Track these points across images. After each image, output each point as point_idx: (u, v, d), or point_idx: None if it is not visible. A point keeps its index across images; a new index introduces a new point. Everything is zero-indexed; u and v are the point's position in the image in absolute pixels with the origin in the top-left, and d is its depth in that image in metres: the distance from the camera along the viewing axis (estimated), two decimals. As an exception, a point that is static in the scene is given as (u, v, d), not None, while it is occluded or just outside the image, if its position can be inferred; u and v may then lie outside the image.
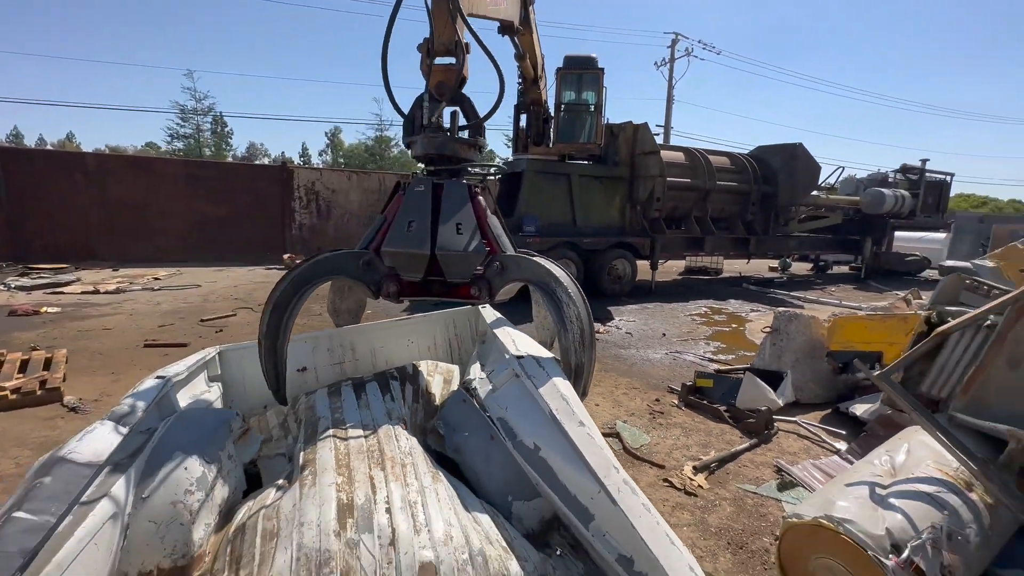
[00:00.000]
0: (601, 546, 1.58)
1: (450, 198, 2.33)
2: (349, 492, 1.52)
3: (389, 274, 2.34)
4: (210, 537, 1.50)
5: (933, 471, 2.05)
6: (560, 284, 2.22)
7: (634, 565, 1.49)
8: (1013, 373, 2.24)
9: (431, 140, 2.42)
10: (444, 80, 2.47)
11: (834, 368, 4.25)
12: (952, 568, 1.73)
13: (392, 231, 2.31)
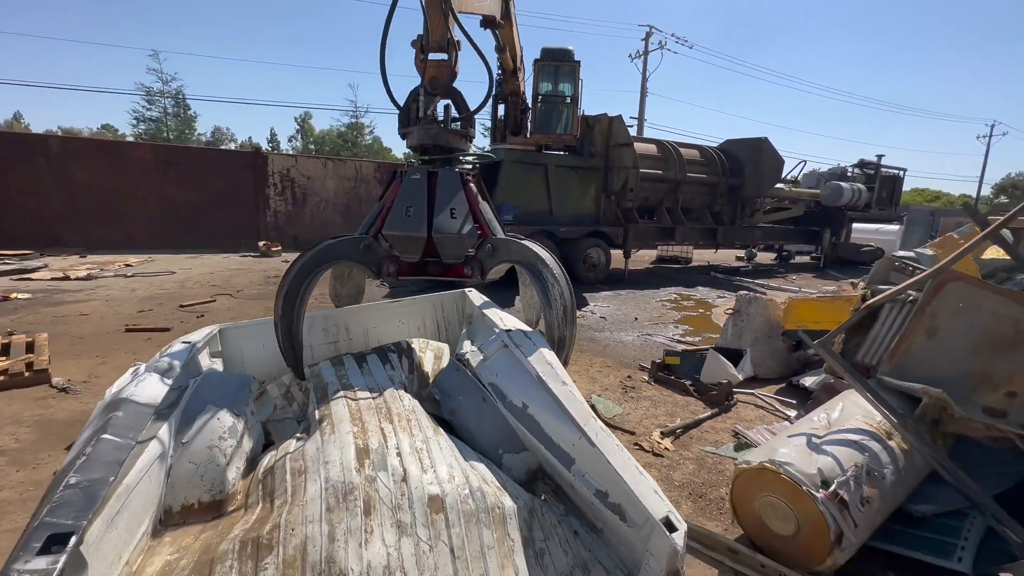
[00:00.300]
0: (581, 484, 1.85)
1: (444, 185, 2.54)
2: (364, 439, 1.74)
3: (388, 256, 2.53)
4: (240, 479, 1.70)
5: (860, 424, 2.40)
6: (546, 265, 2.47)
7: (609, 497, 1.77)
8: (930, 341, 2.61)
9: (426, 131, 2.61)
10: (437, 75, 2.66)
11: (789, 346, 4.66)
12: (870, 499, 2.08)
13: (391, 216, 2.50)
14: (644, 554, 1.62)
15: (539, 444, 2.03)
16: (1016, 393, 2.56)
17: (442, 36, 2.61)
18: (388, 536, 1.49)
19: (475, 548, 1.59)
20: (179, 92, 33.58)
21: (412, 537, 1.52)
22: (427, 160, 2.69)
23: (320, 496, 1.49)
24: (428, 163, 2.67)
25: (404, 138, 2.78)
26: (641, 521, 1.64)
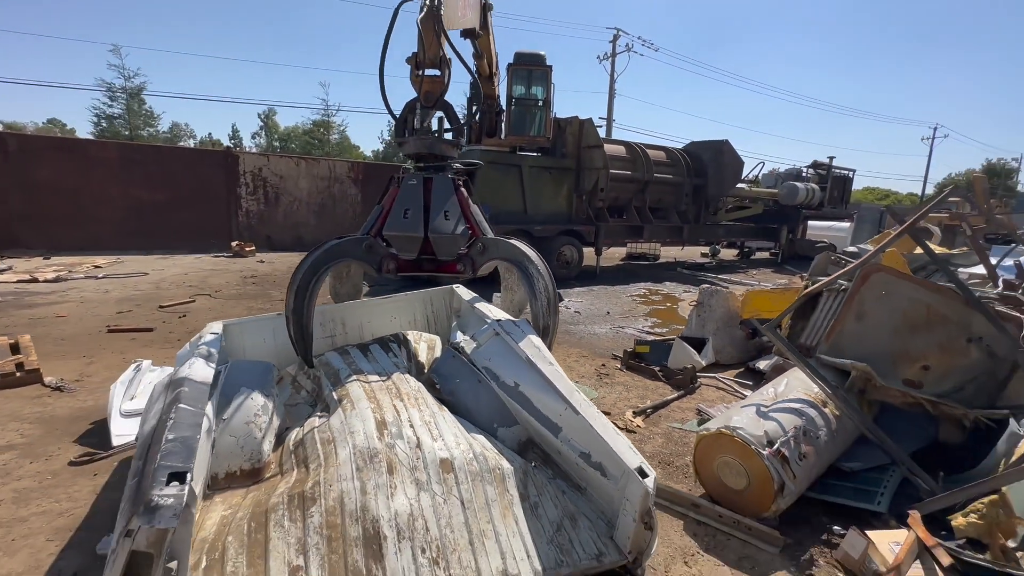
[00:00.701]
0: (567, 449, 2.17)
1: (438, 189, 2.81)
2: (380, 414, 2.01)
3: (388, 254, 2.79)
4: (271, 451, 1.95)
5: (801, 395, 2.81)
6: (532, 262, 2.77)
7: (591, 457, 2.09)
8: (858, 324, 3.05)
9: (422, 141, 2.87)
10: (431, 90, 2.92)
11: (746, 334, 5.11)
12: (807, 455, 2.47)
13: (391, 218, 2.75)
14: (622, 502, 1.95)
15: (530, 417, 2.34)
16: (929, 367, 3.03)
17: (435, 54, 2.87)
18: (409, 491, 1.77)
19: (481, 501, 1.89)
20: (142, 88, 32.22)
21: (429, 492, 1.80)
22: (422, 167, 2.95)
23: (350, 459, 1.75)
24: (423, 170, 2.93)
25: (400, 147, 3.03)
26: (619, 473, 1.97)
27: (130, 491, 1.19)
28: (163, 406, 1.51)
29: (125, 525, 1.08)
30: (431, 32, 2.81)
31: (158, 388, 1.74)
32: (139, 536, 1.07)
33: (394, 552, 1.58)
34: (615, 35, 26.95)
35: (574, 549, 1.90)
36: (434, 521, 1.73)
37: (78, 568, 2.03)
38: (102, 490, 2.58)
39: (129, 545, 1.07)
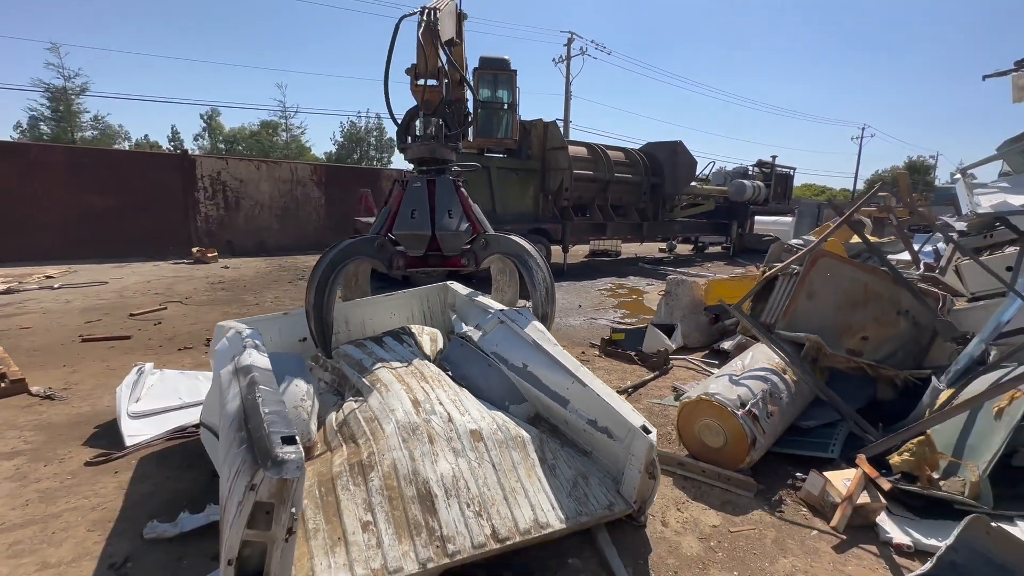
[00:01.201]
0: (575, 418, 2.48)
1: (441, 190, 3.05)
2: (413, 394, 2.25)
3: (397, 252, 3.01)
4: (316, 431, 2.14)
5: (765, 364, 3.23)
6: (531, 256, 3.06)
7: (598, 423, 2.40)
8: (809, 303, 3.52)
9: (425, 146, 3.10)
10: (430, 99, 3.16)
11: (710, 319, 5.60)
12: (772, 414, 2.89)
13: (399, 219, 2.97)
14: (627, 457, 2.27)
15: (539, 393, 2.63)
16: (867, 337, 3.54)
17: (434, 66, 3.11)
18: (448, 457, 2.03)
19: (508, 464, 2.16)
20: (84, 89, 30.06)
21: (465, 457, 2.06)
22: (424, 170, 3.18)
23: (396, 432, 1.99)
24: (425, 173, 3.16)
25: (403, 152, 3.25)
26: (624, 434, 2.29)
27: (239, 458, 1.38)
28: (240, 389, 1.68)
29: (249, 481, 1.27)
30: (430, 45, 3.05)
31: (225, 376, 1.90)
32: (262, 488, 1.27)
33: (445, 507, 1.84)
34: (569, 39, 27.66)
35: (589, 501, 2.21)
36: (473, 481, 1.99)
37: (129, 553, 2.16)
38: (129, 485, 2.68)
39: (254, 497, 1.27)
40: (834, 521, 2.41)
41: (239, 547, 1.27)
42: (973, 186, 3.99)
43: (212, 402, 1.90)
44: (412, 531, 1.70)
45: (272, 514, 1.30)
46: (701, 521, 2.49)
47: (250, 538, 1.27)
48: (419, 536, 1.70)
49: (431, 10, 3.16)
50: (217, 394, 1.84)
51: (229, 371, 1.84)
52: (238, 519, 1.28)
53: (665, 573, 2.12)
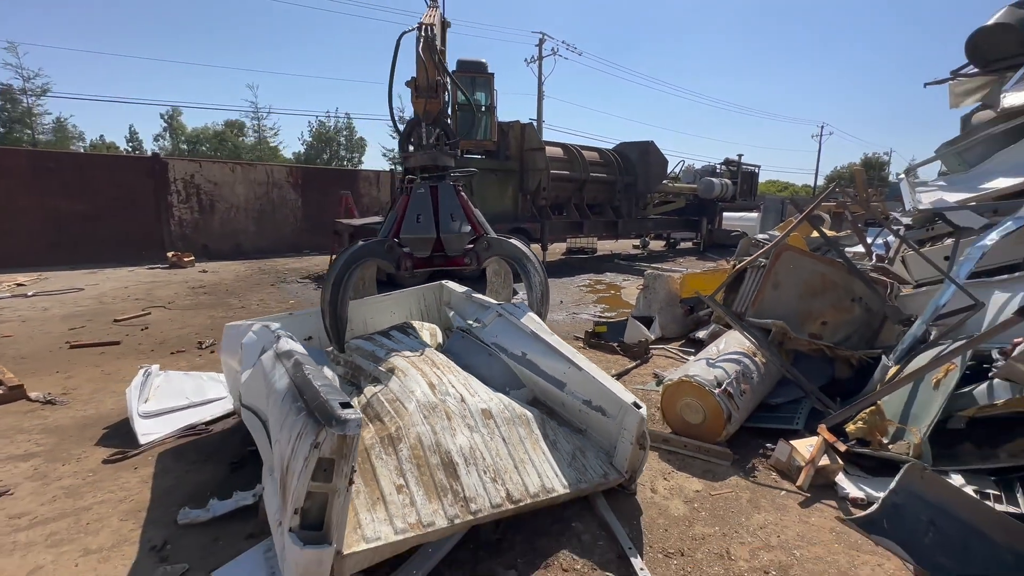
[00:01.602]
0: (571, 400, 2.74)
1: (444, 196, 3.28)
2: (427, 378, 2.48)
3: (404, 253, 3.22)
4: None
5: (738, 348, 3.57)
6: (529, 260, 3.32)
7: (593, 402, 2.67)
8: (775, 292, 3.88)
9: (427, 154, 3.32)
10: (430, 109, 3.37)
11: (685, 311, 5.97)
12: (745, 392, 3.22)
13: (405, 223, 3.19)
14: (620, 431, 2.55)
15: (537, 378, 2.89)
16: (826, 322, 3.92)
17: (433, 79, 3.32)
18: (464, 432, 2.26)
19: (516, 438, 2.42)
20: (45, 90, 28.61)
21: (479, 432, 2.31)
22: (427, 177, 3.39)
23: (417, 410, 2.22)
24: (428, 179, 3.38)
25: (405, 160, 3.45)
26: (616, 411, 2.57)
27: (300, 423, 1.56)
28: (287, 369, 1.86)
29: (314, 440, 1.48)
30: (430, 60, 3.26)
31: (267, 361, 2.07)
32: (325, 445, 1.48)
33: (465, 473, 2.08)
34: (541, 39, 28.00)
35: (587, 471, 2.48)
36: (487, 452, 2.23)
37: (166, 537, 2.32)
38: (152, 479, 2.81)
39: (318, 454, 1.48)
40: (799, 481, 2.75)
41: (304, 498, 1.48)
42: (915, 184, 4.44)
43: (254, 386, 2.07)
44: (439, 493, 1.94)
45: (333, 468, 1.51)
46: (685, 487, 2.80)
47: (314, 489, 1.48)
48: (445, 497, 1.93)
49: (428, 26, 3.37)
50: (260, 378, 2.01)
51: (271, 356, 2.02)
52: (304, 473, 1.48)
53: (657, 531, 2.41)
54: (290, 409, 1.64)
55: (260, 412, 1.99)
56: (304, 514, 1.51)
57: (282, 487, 1.59)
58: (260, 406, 2.00)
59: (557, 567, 2.14)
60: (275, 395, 1.80)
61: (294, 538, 1.48)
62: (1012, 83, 4.38)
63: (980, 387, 2.91)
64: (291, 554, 1.48)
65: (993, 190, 4.05)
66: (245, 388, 2.10)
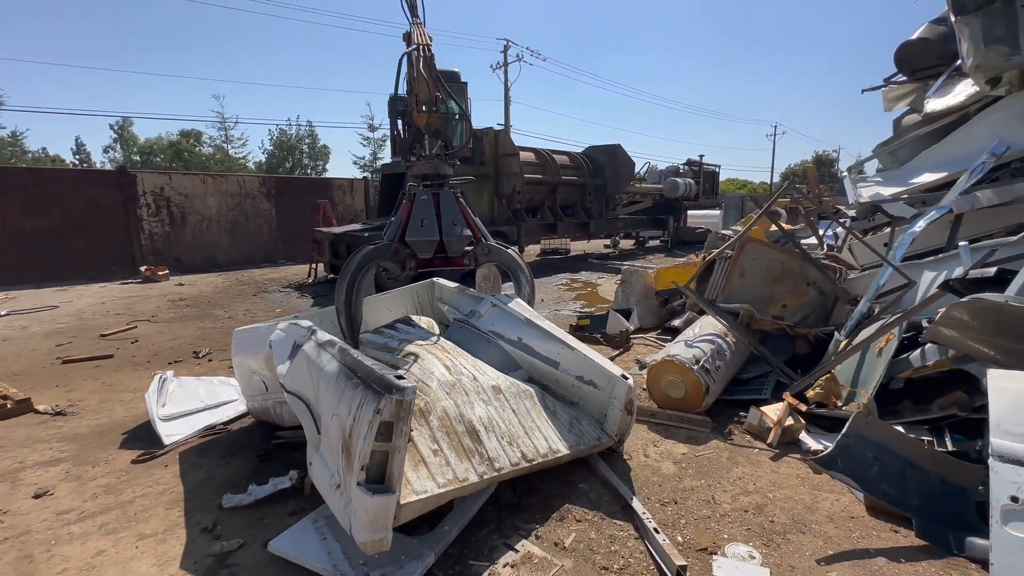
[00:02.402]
0: (564, 377, 3.09)
1: (446, 201, 3.58)
2: (442, 361, 2.79)
3: (409, 254, 3.50)
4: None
5: (711, 331, 4.01)
6: (522, 269, 3.68)
7: (584, 377, 3.03)
8: (741, 280, 4.35)
9: (429, 163, 3.61)
10: (431, 122, 3.67)
11: (660, 303, 6.42)
12: (720, 367, 3.65)
13: (410, 227, 3.47)
14: (610, 400, 2.92)
15: (533, 360, 3.23)
16: (786, 305, 4.41)
17: (432, 94, 3.62)
18: (480, 405, 2.58)
19: (523, 409, 2.75)
20: None
21: (492, 405, 2.63)
22: (429, 184, 3.68)
23: (440, 388, 2.52)
24: (430, 186, 3.67)
25: (409, 168, 3.73)
26: (605, 383, 2.93)
27: (359, 395, 1.82)
28: (334, 355, 2.11)
29: (376, 406, 1.75)
30: (431, 77, 3.56)
31: (311, 351, 2.31)
32: (386, 410, 1.76)
33: (487, 439, 2.39)
34: (506, 46, 28.49)
35: (584, 435, 2.84)
36: (501, 421, 2.56)
37: (214, 520, 2.54)
38: (185, 474, 3.00)
39: (380, 418, 1.77)
40: (769, 439, 3.17)
41: (369, 456, 1.77)
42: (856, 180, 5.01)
43: (298, 374, 2.31)
44: (468, 455, 2.25)
45: (392, 430, 1.81)
46: (673, 452, 3.19)
47: (377, 448, 1.77)
48: (473, 458, 2.25)
49: (427, 46, 3.67)
50: (305, 365, 2.25)
51: (313, 346, 2.27)
52: (368, 435, 1.76)
53: (652, 487, 2.78)
54: (346, 386, 1.92)
55: (304, 396, 2.24)
56: (367, 471, 1.80)
57: (345, 451, 1.86)
58: (304, 391, 2.25)
59: (571, 519, 2.48)
60: (326, 377, 2.06)
61: (363, 490, 1.76)
62: (933, 90, 5.01)
63: (915, 353, 3.41)
64: (361, 503, 1.76)
65: (921, 184, 4.64)
66: (289, 378, 2.34)
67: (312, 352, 2.25)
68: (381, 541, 1.81)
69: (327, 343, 2.24)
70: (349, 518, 1.85)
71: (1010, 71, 3.91)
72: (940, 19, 5.19)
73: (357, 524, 1.80)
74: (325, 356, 2.17)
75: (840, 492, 2.69)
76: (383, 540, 1.81)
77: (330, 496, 2.06)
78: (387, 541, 1.83)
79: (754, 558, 2.17)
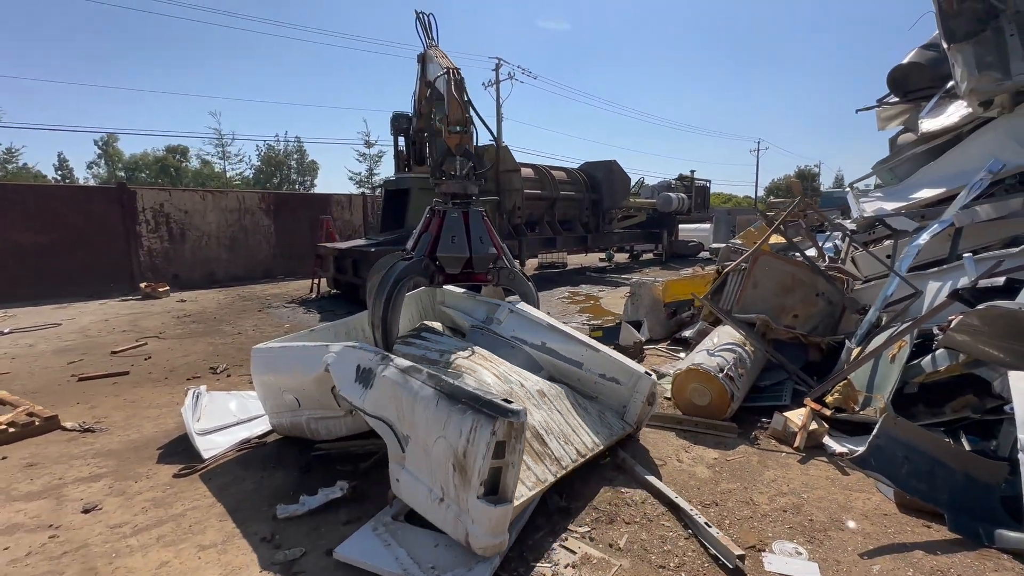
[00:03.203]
0: (587, 375, 3.25)
1: (473, 220, 3.71)
2: (490, 371, 2.90)
3: (438, 268, 3.61)
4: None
5: (730, 340, 4.16)
6: (534, 297, 3.85)
7: (607, 375, 3.19)
8: (755, 291, 4.53)
9: (458, 183, 3.74)
10: (460, 143, 3.81)
11: (667, 314, 6.59)
12: (743, 374, 3.80)
13: (442, 243, 3.59)
14: (632, 394, 3.09)
15: (557, 362, 3.39)
16: (798, 315, 4.59)
17: (462, 115, 3.77)
18: (535, 411, 2.73)
19: (565, 409, 2.91)
20: None
21: (542, 409, 2.78)
22: (458, 203, 3.80)
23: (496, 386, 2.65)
24: (459, 205, 3.79)
25: (437, 187, 3.86)
26: (627, 379, 3.13)
27: (470, 419, 1.94)
28: (424, 381, 2.17)
29: (492, 428, 1.88)
30: (460, 99, 3.72)
31: (395, 377, 2.34)
32: (500, 432, 1.89)
33: (549, 441, 2.57)
34: (497, 64, 29.01)
35: (611, 428, 3.03)
36: (553, 423, 2.71)
37: (271, 530, 2.58)
38: (231, 487, 3.04)
39: (495, 439, 1.89)
40: (796, 443, 3.31)
41: (487, 472, 1.93)
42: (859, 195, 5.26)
43: (380, 399, 2.36)
44: (540, 458, 2.42)
45: (505, 448, 1.95)
46: (704, 457, 3.31)
47: (494, 465, 1.94)
48: (545, 460, 2.41)
49: (455, 69, 3.83)
50: (388, 391, 2.29)
51: (397, 372, 2.32)
52: (487, 454, 1.92)
53: (691, 490, 2.89)
54: (451, 410, 2.04)
55: (388, 419, 2.33)
56: (484, 485, 1.95)
57: (459, 469, 1.99)
58: (388, 415, 2.32)
59: (620, 521, 2.58)
60: (422, 402, 2.15)
61: (485, 502, 1.94)
62: (926, 111, 5.31)
63: (926, 359, 3.59)
64: (483, 513, 1.94)
65: (920, 199, 4.90)
66: (370, 403, 2.40)
67: (397, 378, 2.32)
68: (501, 544, 2.05)
69: (410, 369, 2.34)
70: (465, 528, 2.01)
71: (1002, 94, 4.21)
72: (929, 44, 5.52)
73: (477, 532, 1.98)
74: (415, 382, 2.26)
75: (870, 491, 2.83)
76: (503, 543, 2.05)
77: (431, 509, 2.18)
78: (506, 543, 2.07)
79: (801, 554, 2.28)
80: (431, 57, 6.50)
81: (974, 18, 4.13)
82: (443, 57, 4.69)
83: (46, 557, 2.41)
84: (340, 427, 3.05)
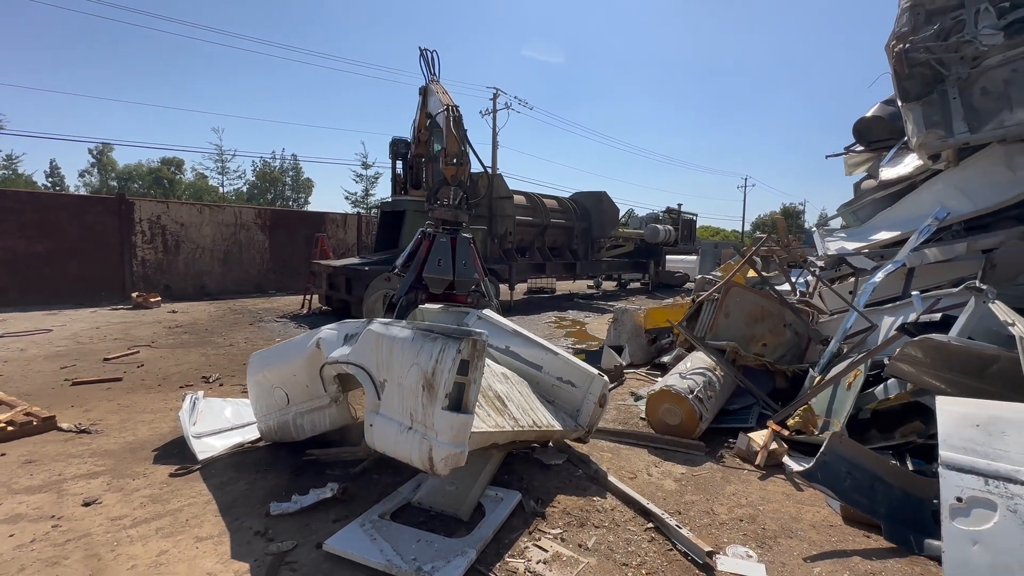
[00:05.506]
0: (546, 378, 3.52)
1: (460, 246, 4.02)
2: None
3: (422, 287, 3.90)
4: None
5: (702, 365, 4.45)
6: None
7: (564, 378, 3.47)
8: (726, 320, 4.84)
9: (450, 210, 4.06)
10: (456, 174, 4.14)
11: (648, 341, 6.89)
12: (712, 397, 4.07)
13: (428, 265, 3.89)
14: (585, 395, 3.38)
15: (521, 364, 3.65)
16: (766, 344, 4.91)
17: (459, 149, 4.12)
18: (498, 383, 3.11)
19: (526, 391, 3.45)
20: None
21: (505, 384, 3.30)
22: (447, 228, 4.11)
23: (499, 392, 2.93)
24: (448, 231, 4.10)
25: (430, 212, 4.17)
26: (582, 381, 3.42)
27: (439, 343, 2.21)
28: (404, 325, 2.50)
29: (457, 347, 2.16)
30: (458, 135, 4.07)
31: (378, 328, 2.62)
32: (465, 350, 2.17)
33: (509, 405, 2.99)
34: (495, 94, 29.98)
35: (566, 423, 3.29)
36: (514, 396, 3.09)
37: (264, 526, 2.76)
38: (225, 486, 3.21)
39: (459, 356, 2.17)
40: (757, 461, 3.57)
41: (451, 386, 2.21)
42: (824, 235, 5.67)
43: (363, 349, 2.65)
44: (500, 412, 2.82)
45: (468, 366, 2.24)
46: (673, 472, 3.54)
47: (458, 380, 2.21)
48: (504, 415, 2.84)
49: (455, 107, 4.19)
50: (372, 340, 2.57)
51: (380, 325, 2.62)
52: (452, 370, 2.20)
53: (657, 500, 3.11)
54: (424, 340, 2.34)
55: (367, 367, 2.61)
56: (449, 399, 2.24)
57: (427, 389, 2.28)
58: (367, 362, 2.61)
59: (591, 525, 2.79)
60: (400, 341, 2.45)
61: (448, 412, 2.21)
62: (887, 160, 5.78)
63: (879, 388, 3.90)
64: (446, 422, 2.20)
65: (879, 240, 5.29)
66: (354, 353, 2.70)
67: (380, 329, 2.63)
68: (461, 455, 2.25)
69: (391, 322, 2.65)
70: (429, 445, 2.25)
71: (947, 150, 4.65)
72: (890, 100, 6.04)
73: (440, 443, 2.22)
74: (395, 328, 2.56)
75: (821, 506, 3.08)
76: (463, 454, 2.25)
77: (399, 441, 2.44)
78: (464, 455, 2.26)
79: (751, 556, 2.52)
80: (432, 91, 6.93)
81: (923, 81, 4.60)
82: (443, 93, 5.06)
83: (50, 544, 2.56)
84: (324, 420, 3.27)
